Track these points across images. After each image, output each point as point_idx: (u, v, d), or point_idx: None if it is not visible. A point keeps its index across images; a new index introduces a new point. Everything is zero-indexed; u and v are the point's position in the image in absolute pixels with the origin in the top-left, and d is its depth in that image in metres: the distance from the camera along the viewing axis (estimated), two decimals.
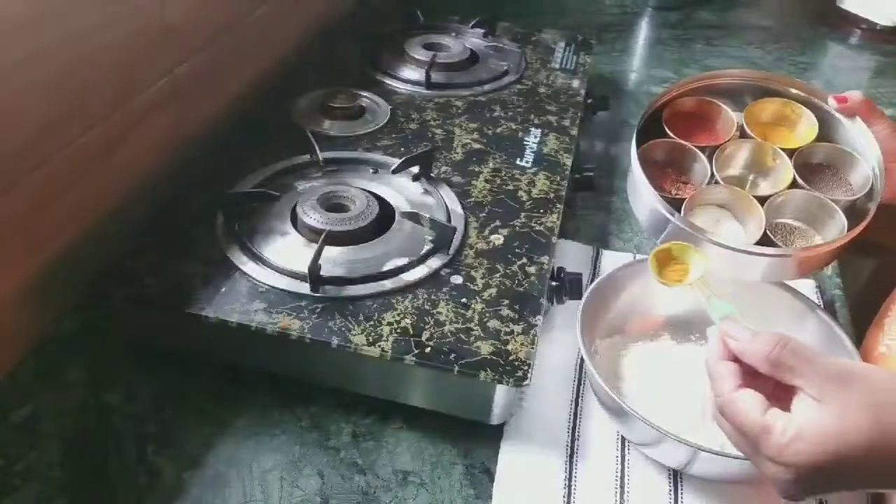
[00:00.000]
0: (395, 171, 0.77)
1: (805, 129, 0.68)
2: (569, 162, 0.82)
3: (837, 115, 0.66)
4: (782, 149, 0.66)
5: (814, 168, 0.67)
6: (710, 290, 0.55)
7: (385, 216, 0.70)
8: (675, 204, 0.62)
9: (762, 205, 0.63)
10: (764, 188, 0.67)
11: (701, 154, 0.67)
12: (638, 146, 0.65)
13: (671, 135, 0.68)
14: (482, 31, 1.11)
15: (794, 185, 0.64)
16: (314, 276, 0.62)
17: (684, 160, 0.68)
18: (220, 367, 0.65)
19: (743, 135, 0.68)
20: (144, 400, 0.62)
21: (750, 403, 0.44)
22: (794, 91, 0.69)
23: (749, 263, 0.60)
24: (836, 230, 0.62)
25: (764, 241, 0.61)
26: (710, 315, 0.52)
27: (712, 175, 0.65)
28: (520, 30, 1.15)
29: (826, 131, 0.67)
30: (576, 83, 1.00)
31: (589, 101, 1.00)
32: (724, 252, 0.59)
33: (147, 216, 0.70)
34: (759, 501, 0.57)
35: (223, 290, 0.62)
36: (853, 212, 0.62)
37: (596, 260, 0.80)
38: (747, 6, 1.54)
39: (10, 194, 0.60)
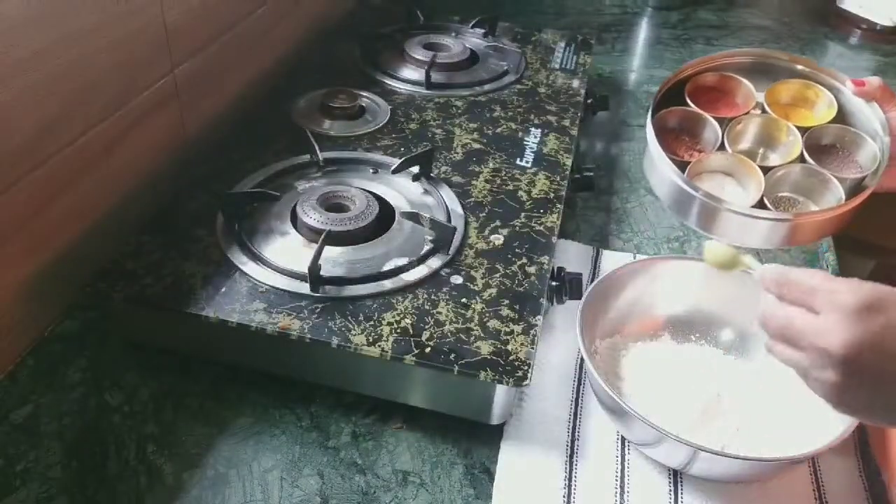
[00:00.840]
0: (395, 171, 0.77)
1: (823, 111, 0.70)
2: (569, 162, 0.82)
3: (855, 98, 0.68)
4: (798, 127, 0.68)
5: (824, 148, 0.69)
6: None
7: (385, 216, 0.70)
8: (685, 167, 0.66)
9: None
10: (773, 161, 0.69)
11: (712, 120, 0.69)
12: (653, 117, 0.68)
13: (690, 104, 0.71)
14: (482, 31, 1.11)
15: (801, 161, 0.67)
16: (314, 276, 0.62)
17: (697, 128, 0.71)
18: (220, 367, 0.65)
19: (763, 112, 0.71)
20: (144, 400, 0.62)
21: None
22: (813, 73, 0.72)
23: (751, 227, 0.63)
24: (834, 203, 0.64)
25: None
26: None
27: (722, 143, 0.68)
28: (520, 30, 1.15)
29: (844, 115, 0.70)
30: (576, 83, 1.00)
31: (589, 101, 1.00)
32: (729, 216, 0.63)
33: (147, 216, 0.70)
34: (758, 501, 0.57)
35: (223, 290, 0.62)
36: (859, 192, 0.64)
37: (596, 260, 0.80)
38: (747, 6, 1.54)
39: (10, 194, 0.60)
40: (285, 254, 0.65)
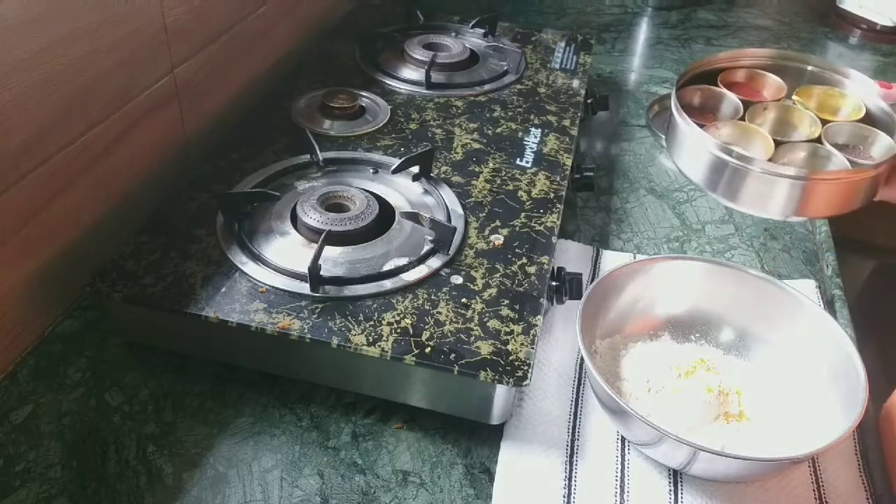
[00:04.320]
0: (395, 171, 0.77)
1: (849, 115, 0.76)
2: (569, 162, 0.82)
3: (881, 101, 0.74)
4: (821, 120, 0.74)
5: (840, 148, 0.73)
6: None
7: (385, 216, 0.70)
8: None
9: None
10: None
11: (734, 97, 0.77)
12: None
13: (719, 85, 0.79)
14: (482, 31, 1.11)
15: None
16: (314, 276, 0.62)
17: (720, 106, 0.79)
18: (220, 367, 0.65)
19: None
20: (144, 400, 0.62)
21: None
22: (839, 77, 0.79)
23: (771, 187, 0.70)
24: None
25: None
26: None
27: (743, 118, 0.75)
28: (520, 30, 1.15)
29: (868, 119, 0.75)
30: (576, 83, 1.00)
31: (589, 101, 1.00)
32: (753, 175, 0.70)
33: (147, 216, 0.70)
34: (758, 501, 0.57)
35: (223, 290, 0.62)
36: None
37: (596, 260, 0.80)
38: (747, 6, 1.54)
39: (9, 194, 0.60)
40: (285, 254, 0.65)
